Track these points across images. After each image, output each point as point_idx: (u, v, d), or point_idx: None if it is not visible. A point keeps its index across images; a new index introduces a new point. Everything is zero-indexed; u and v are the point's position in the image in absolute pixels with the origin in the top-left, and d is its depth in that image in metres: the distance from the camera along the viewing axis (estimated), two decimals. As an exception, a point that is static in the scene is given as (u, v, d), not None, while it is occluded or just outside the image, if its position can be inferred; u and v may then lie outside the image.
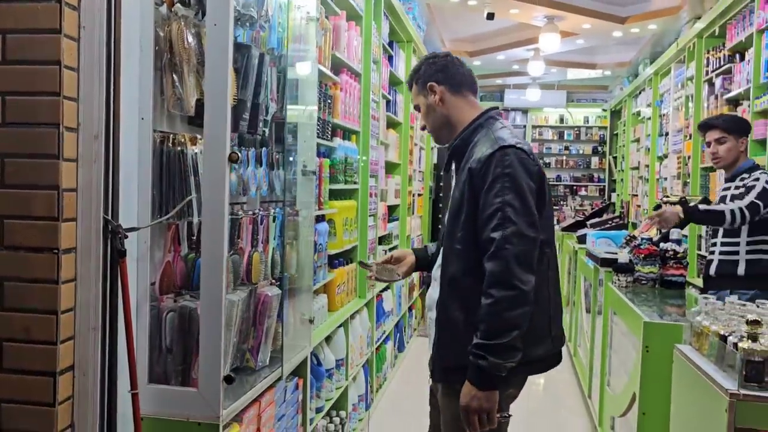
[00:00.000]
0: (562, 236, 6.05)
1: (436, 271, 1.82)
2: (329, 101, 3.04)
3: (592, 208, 7.48)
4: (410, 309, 5.89)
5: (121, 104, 1.63)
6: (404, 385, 4.66)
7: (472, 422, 1.63)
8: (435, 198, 7.11)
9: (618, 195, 9.36)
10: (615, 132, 10.25)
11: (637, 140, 8.15)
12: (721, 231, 3.25)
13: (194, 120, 1.96)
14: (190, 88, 1.78)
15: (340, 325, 3.22)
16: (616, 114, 10.23)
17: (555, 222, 4.66)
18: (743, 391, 1.42)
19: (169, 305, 1.82)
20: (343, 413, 3.28)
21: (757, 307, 1.72)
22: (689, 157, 5.32)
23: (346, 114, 3.38)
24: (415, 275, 6.05)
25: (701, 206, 3.14)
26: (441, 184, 7.04)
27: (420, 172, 6.38)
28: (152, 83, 1.73)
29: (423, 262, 2.06)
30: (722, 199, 3.32)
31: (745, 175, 3.20)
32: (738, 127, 3.20)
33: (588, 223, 5.70)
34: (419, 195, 6.33)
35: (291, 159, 2.48)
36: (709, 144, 3.25)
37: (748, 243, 3.13)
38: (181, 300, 1.82)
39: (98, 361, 1.62)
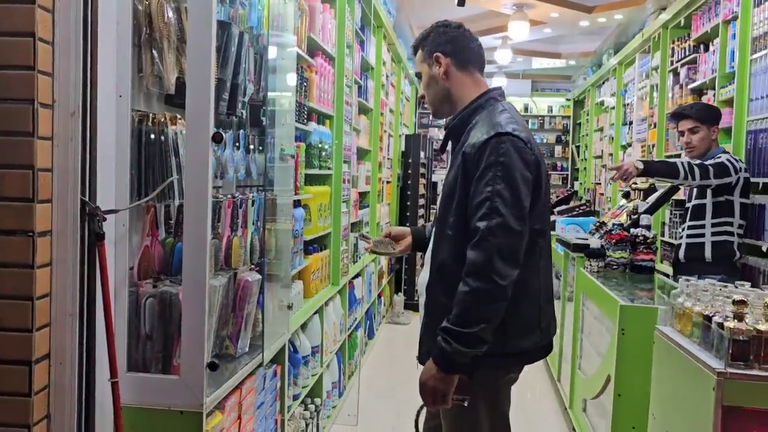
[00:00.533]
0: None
1: (428, 255, 1.79)
2: (305, 84, 2.98)
3: (557, 197, 7.59)
4: (379, 296, 5.88)
5: (98, 81, 1.56)
6: (375, 372, 4.66)
7: (426, 399, 1.65)
8: (403, 185, 7.11)
9: (581, 183, 9.53)
10: (578, 121, 10.41)
11: (601, 129, 8.29)
12: (688, 215, 3.32)
13: (171, 99, 1.89)
14: (170, 66, 1.71)
15: (315, 312, 3.18)
16: (579, 103, 10.39)
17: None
18: (730, 370, 1.45)
19: (148, 291, 1.76)
20: (318, 400, 3.26)
21: (736, 287, 1.76)
22: (654, 146, 5.43)
23: (321, 98, 3.33)
24: (384, 261, 6.05)
25: (657, 159, 3.20)
26: (409, 171, 7.05)
27: (389, 159, 6.36)
28: (130, 59, 1.65)
29: (420, 243, 2.02)
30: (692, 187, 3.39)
31: (714, 161, 3.28)
32: (710, 116, 3.27)
33: (555, 210, 5.78)
34: (387, 182, 6.32)
35: (268, 142, 2.42)
36: (682, 133, 3.31)
37: (713, 225, 3.20)
38: (161, 285, 1.76)
39: (76, 348, 1.55)
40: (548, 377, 4.60)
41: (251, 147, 2.32)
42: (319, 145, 3.29)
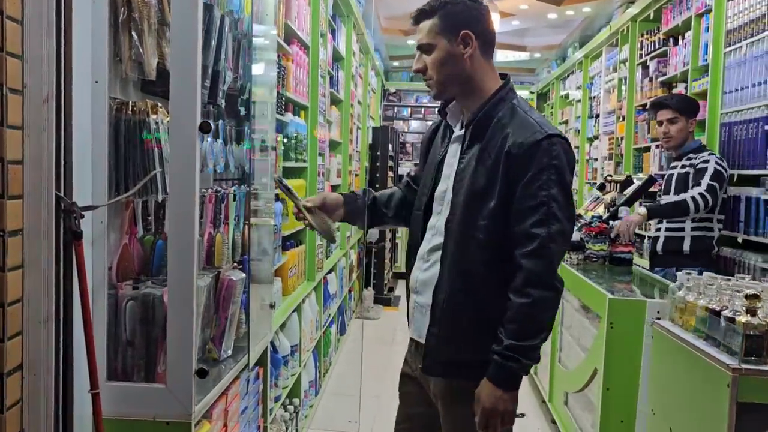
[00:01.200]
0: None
1: (430, 254, 1.66)
2: (283, 73, 2.86)
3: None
4: (350, 291, 5.79)
5: (73, 65, 1.42)
6: (348, 368, 4.58)
7: (494, 425, 1.53)
8: (371, 178, 7.02)
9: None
10: (542, 114, 10.48)
11: (566, 122, 8.36)
12: (667, 209, 3.34)
13: (147, 86, 1.76)
14: (150, 50, 1.58)
15: (294, 310, 3.08)
16: (542, 96, 10.46)
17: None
18: (745, 366, 1.42)
19: (128, 293, 1.63)
20: (296, 401, 3.15)
21: (736, 280, 1.74)
22: (622, 138, 5.47)
23: (297, 88, 3.21)
24: (354, 256, 5.96)
25: (662, 201, 3.19)
26: (377, 164, 6.96)
27: (357, 151, 6.26)
28: (107, 42, 1.51)
29: (351, 214, 1.82)
30: (669, 179, 3.41)
31: (692, 155, 3.30)
32: (689, 108, 3.29)
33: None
34: (356, 175, 6.22)
35: (248, 133, 2.30)
36: (660, 123, 3.32)
37: (693, 220, 3.24)
38: (142, 287, 1.63)
39: (52, 358, 1.42)
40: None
41: (230, 138, 2.20)
42: (296, 137, 3.18)
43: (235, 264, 2.11)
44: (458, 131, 1.70)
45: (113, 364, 1.60)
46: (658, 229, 3.42)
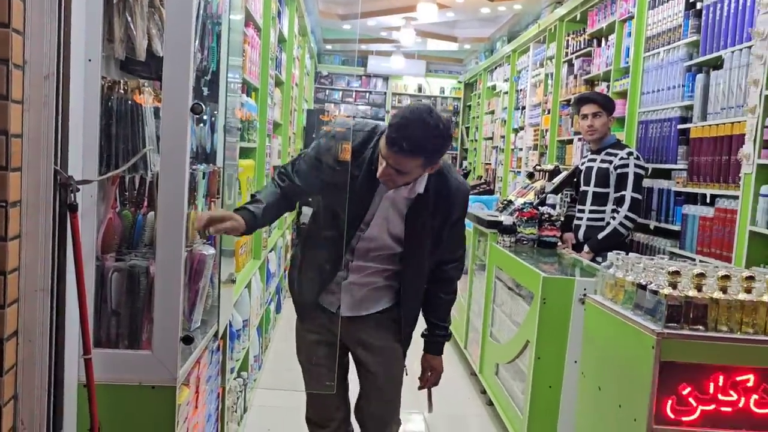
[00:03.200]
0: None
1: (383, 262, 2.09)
2: (242, 55, 2.92)
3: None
4: (285, 270, 5.88)
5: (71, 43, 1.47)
6: (284, 345, 4.69)
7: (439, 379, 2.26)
8: (305, 160, 7.08)
9: (470, 163, 9.99)
10: (468, 104, 10.86)
11: (492, 112, 8.73)
12: (589, 199, 3.66)
13: (126, 66, 1.81)
14: (141, 31, 1.64)
15: (246, 286, 3.17)
16: (469, 86, 10.83)
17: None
18: (667, 331, 1.69)
19: (112, 264, 1.70)
20: (244, 374, 3.26)
21: (653, 259, 2.02)
22: (547, 131, 5.84)
23: (251, 70, 3.27)
24: (289, 237, 6.04)
25: (599, 236, 3.49)
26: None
27: (294, 134, 6.32)
28: (101, 21, 1.57)
29: (250, 231, 2.05)
30: (589, 171, 3.71)
31: (611, 151, 3.61)
32: (610, 105, 3.61)
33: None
34: (292, 156, 6.29)
35: (209, 113, 2.37)
36: (585, 117, 3.63)
37: (612, 210, 3.58)
38: (128, 259, 1.70)
39: (47, 325, 1.48)
40: (453, 347, 4.87)
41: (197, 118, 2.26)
42: (249, 118, 3.25)
43: (204, 240, 2.19)
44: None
45: (99, 333, 1.67)
46: (580, 218, 3.73)
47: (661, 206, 3.65)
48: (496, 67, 8.61)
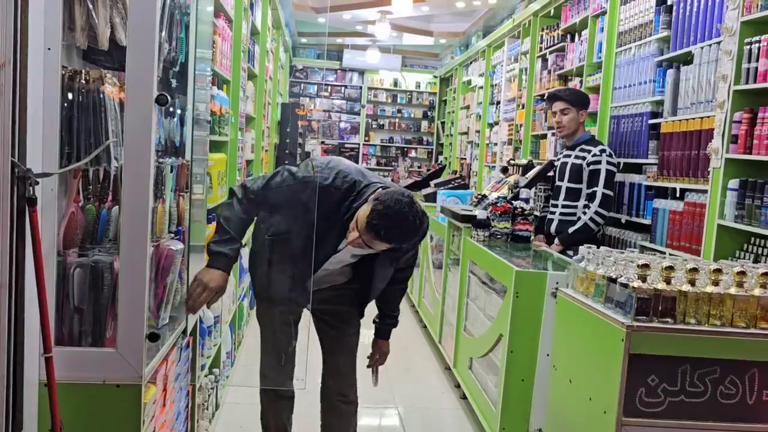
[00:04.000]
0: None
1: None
2: (212, 46, 2.87)
3: (428, 170, 7.93)
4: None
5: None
6: (258, 341, 4.64)
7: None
8: (279, 154, 7.04)
9: (445, 158, 10.01)
10: (444, 98, 10.87)
11: (467, 107, 8.75)
12: (562, 194, 3.68)
13: (88, 55, 1.76)
14: (103, 20, 1.59)
15: (217, 282, 3.12)
16: (445, 81, 10.84)
17: (390, 180, 4.85)
18: (636, 323, 1.70)
19: (74, 260, 1.65)
20: (216, 371, 3.22)
21: (623, 252, 2.03)
22: (521, 125, 5.87)
23: (222, 62, 3.22)
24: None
25: (569, 230, 3.50)
26: (287, 140, 6.99)
27: (268, 127, 6.26)
28: (61, 8, 1.52)
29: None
30: (563, 167, 3.73)
31: (585, 147, 3.63)
32: (580, 101, 3.62)
33: (431, 183, 6.07)
34: (266, 151, 6.23)
35: (178, 106, 2.32)
36: (554, 113, 3.64)
37: (584, 206, 3.60)
38: (91, 254, 1.66)
39: (5, 322, 1.43)
40: (427, 341, 4.88)
41: (161, 112, 2.21)
42: (220, 111, 3.19)
43: (173, 235, 2.15)
44: None
45: (61, 330, 1.62)
46: (553, 213, 3.75)
47: (633, 200, 3.68)
48: (471, 62, 8.63)
